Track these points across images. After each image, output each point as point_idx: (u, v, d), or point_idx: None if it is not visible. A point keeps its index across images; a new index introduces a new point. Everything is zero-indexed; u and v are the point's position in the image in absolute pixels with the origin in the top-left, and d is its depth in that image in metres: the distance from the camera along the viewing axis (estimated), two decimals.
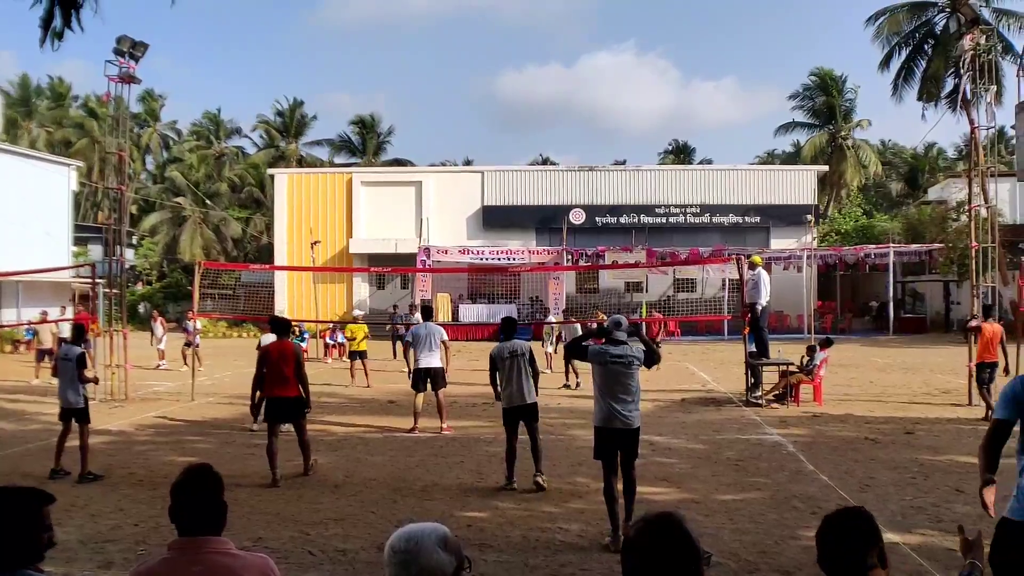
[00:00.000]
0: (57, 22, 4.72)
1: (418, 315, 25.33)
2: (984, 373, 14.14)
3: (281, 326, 10.79)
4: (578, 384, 18.34)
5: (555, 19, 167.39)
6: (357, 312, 24.10)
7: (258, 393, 10.31)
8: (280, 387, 10.08)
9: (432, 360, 13.12)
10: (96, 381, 10.76)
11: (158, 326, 25.24)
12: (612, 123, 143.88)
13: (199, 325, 24.17)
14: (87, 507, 8.51)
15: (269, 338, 13.19)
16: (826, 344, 16.45)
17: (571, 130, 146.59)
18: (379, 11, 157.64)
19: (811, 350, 16.37)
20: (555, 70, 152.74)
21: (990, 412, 14.45)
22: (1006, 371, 13.97)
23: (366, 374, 19.64)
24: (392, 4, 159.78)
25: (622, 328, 7.73)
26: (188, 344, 23.81)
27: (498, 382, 9.69)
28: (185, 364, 23.20)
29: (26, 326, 26.38)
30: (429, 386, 13.09)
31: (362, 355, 19.97)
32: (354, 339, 20.57)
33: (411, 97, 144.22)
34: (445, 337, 13.44)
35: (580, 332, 19.83)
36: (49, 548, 2.89)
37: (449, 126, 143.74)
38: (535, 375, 9.68)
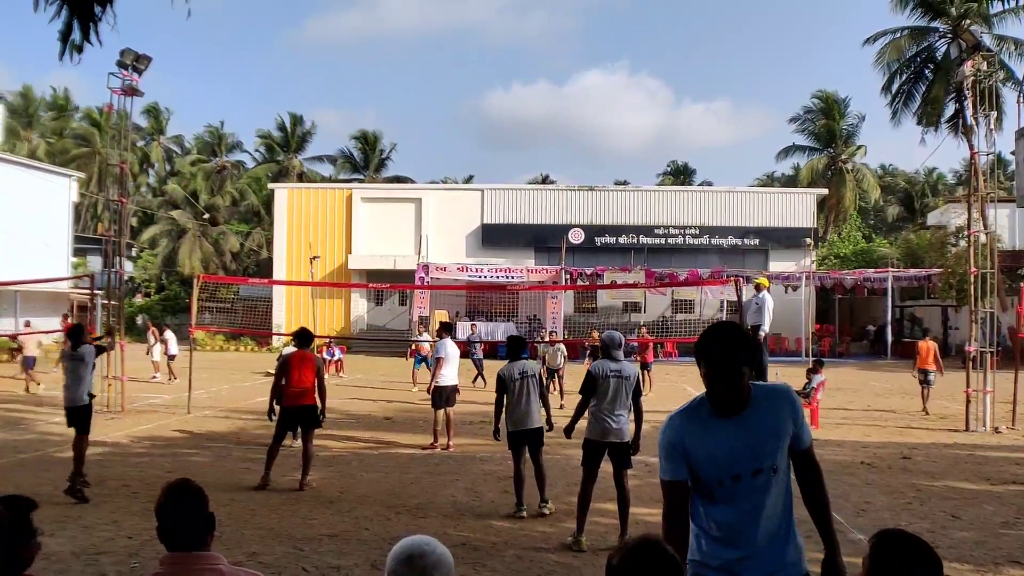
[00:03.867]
0: (76, 35, 4.73)
1: (427, 333, 25.44)
2: (921, 376, 18.32)
3: (303, 337, 11.04)
4: (561, 406, 18.32)
5: (541, 39, 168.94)
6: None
7: (275, 403, 10.50)
8: (299, 397, 10.38)
9: (456, 377, 13.62)
10: (111, 347, 10.52)
11: (151, 337, 25.24)
12: (603, 142, 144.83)
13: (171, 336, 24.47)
14: (80, 519, 8.47)
15: (290, 350, 13.64)
16: (817, 366, 16.44)
17: (563, 149, 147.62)
18: (363, 29, 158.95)
19: (811, 373, 16.35)
20: (544, 89, 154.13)
21: (925, 408, 17.99)
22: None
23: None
24: (376, 22, 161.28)
25: (618, 347, 7.96)
26: (171, 357, 23.96)
27: (504, 405, 9.15)
28: (174, 377, 23.35)
29: (8, 337, 26.28)
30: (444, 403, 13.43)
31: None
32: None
33: (400, 114, 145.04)
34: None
35: (564, 352, 19.92)
36: (37, 552, 2.89)
37: (440, 144, 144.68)
38: (544, 400, 9.29)
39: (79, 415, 10.13)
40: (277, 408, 10.57)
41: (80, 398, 10.14)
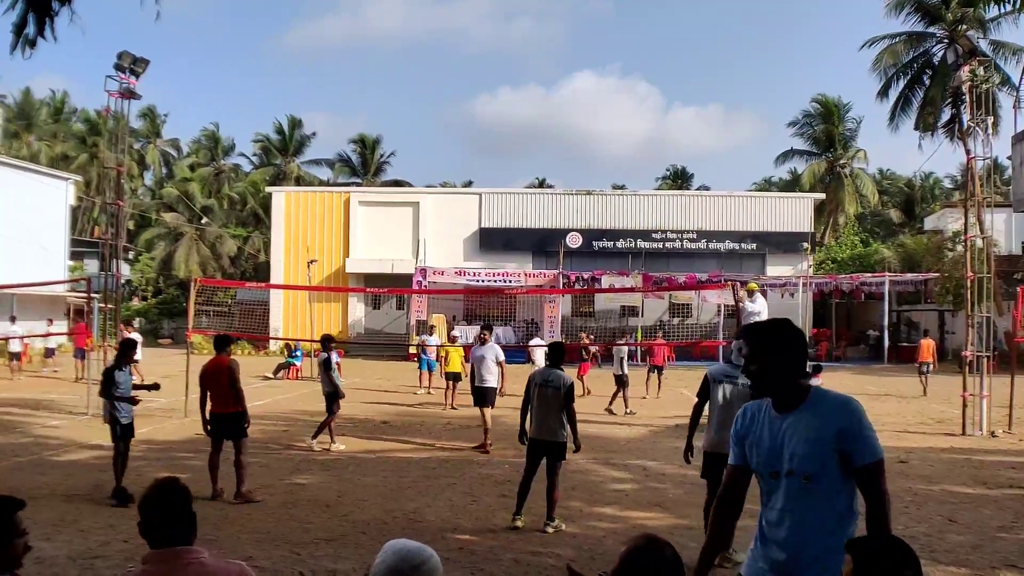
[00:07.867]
0: (30, 29, 4.65)
1: (427, 336, 25.33)
2: (922, 366, 22.80)
3: (219, 342, 10.83)
4: (628, 412, 18.25)
5: (525, 43, 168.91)
6: (455, 333, 23.60)
7: (207, 409, 10.20)
8: (219, 404, 10.10)
9: (489, 379, 13.89)
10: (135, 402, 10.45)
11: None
12: (597, 147, 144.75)
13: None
14: (76, 522, 8.46)
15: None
16: (815, 370, 16.40)
17: (557, 154, 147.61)
18: (347, 34, 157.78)
19: (808, 377, 16.29)
20: (535, 93, 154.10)
21: (925, 391, 21.60)
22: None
23: (453, 395, 19.01)
24: (359, 28, 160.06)
25: (742, 352, 7.92)
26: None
27: (528, 412, 8.85)
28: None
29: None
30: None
31: (456, 377, 19.16)
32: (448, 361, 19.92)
33: (391, 118, 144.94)
34: (502, 357, 14.36)
35: (624, 356, 19.24)
36: (26, 553, 2.88)
37: (437, 149, 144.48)
38: (570, 415, 8.61)
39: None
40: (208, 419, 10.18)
41: (119, 417, 10.09)
